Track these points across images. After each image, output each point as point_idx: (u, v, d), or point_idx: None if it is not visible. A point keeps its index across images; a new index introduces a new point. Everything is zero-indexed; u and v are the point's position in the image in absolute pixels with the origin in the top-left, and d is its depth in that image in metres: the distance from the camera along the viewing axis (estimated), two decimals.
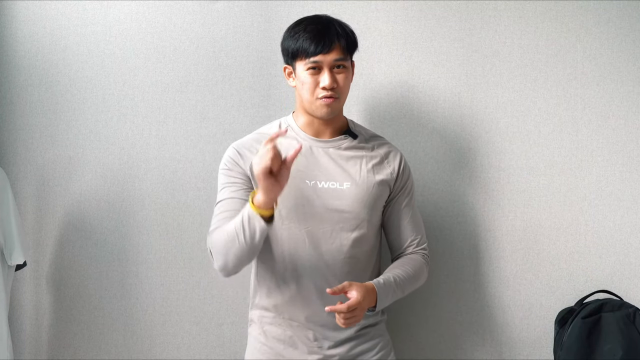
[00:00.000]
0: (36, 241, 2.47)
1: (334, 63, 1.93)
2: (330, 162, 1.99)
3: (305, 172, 1.97)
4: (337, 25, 1.96)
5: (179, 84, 2.41)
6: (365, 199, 1.98)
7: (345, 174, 1.98)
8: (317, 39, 1.91)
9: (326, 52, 1.91)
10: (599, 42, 2.32)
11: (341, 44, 1.94)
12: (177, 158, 2.42)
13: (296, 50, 1.93)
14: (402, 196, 2.07)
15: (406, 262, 2.04)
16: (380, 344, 2.06)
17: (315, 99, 1.94)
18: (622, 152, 2.33)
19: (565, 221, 2.34)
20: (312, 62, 1.91)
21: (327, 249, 1.96)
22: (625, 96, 2.32)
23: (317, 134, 2.01)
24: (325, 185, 1.97)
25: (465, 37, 2.34)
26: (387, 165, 2.04)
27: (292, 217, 1.95)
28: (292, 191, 1.94)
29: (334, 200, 1.96)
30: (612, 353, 2.20)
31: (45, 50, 2.43)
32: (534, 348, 2.36)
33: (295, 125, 2.02)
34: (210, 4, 2.39)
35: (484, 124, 2.35)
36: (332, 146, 2.01)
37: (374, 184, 2.00)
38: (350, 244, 1.97)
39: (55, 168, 2.45)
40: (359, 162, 2.01)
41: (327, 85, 1.91)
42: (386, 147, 2.08)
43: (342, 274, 1.97)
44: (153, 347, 2.45)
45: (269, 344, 2.03)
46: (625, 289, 2.32)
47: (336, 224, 1.96)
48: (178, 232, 2.43)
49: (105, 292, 2.45)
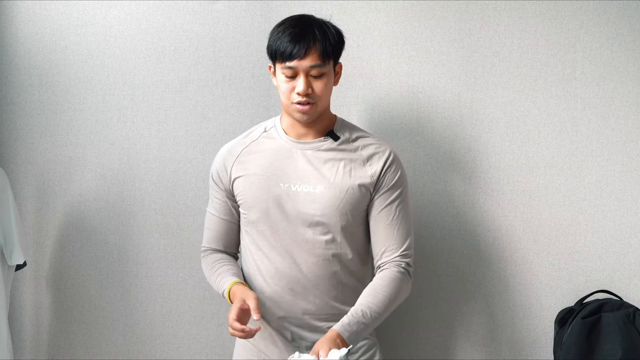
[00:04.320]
0: (36, 241, 2.47)
1: (309, 69, 1.88)
2: (307, 164, 1.96)
3: (280, 175, 1.95)
4: (316, 28, 1.89)
5: (179, 84, 2.41)
6: (337, 203, 1.93)
7: (320, 176, 1.94)
8: (292, 44, 1.86)
9: (301, 58, 1.86)
10: (599, 42, 2.31)
11: (318, 49, 1.87)
12: (177, 158, 2.42)
13: (274, 52, 1.90)
14: (381, 198, 1.96)
15: (378, 285, 1.92)
16: (365, 347, 2.03)
17: (290, 103, 1.91)
18: (622, 152, 2.33)
19: (565, 221, 2.34)
20: (287, 66, 1.87)
21: (299, 253, 1.95)
22: (625, 96, 2.32)
23: (299, 136, 1.98)
24: (298, 189, 1.94)
25: (465, 37, 2.34)
26: (369, 168, 1.96)
27: (264, 221, 1.96)
28: (264, 194, 1.95)
29: (307, 204, 1.94)
30: (612, 353, 2.20)
31: (45, 50, 2.43)
32: (534, 348, 2.36)
33: (280, 127, 2.01)
34: (210, 4, 2.39)
35: (484, 124, 2.35)
36: (311, 148, 1.97)
37: (348, 188, 1.93)
38: (322, 247, 1.95)
39: (55, 168, 2.45)
40: (337, 164, 1.95)
41: (301, 91, 1.87)
42: (372, 148, 1.98)
43: (315, 277, 1.96)
44: (153, 347, 2.45)
45: (252, 341, 2.03)
46: (625, 289, 2.32)
47: (307, 228, 1.94)
48: (178, 232, 2.43)
49: (105, 292, 2.45)
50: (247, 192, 1.98)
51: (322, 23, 1.93)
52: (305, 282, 1.96)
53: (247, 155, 2.00)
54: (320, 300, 1.97)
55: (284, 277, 1.96)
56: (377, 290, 1.91)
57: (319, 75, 1.90)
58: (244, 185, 1.98)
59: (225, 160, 2.03)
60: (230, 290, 1.93)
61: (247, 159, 2.00)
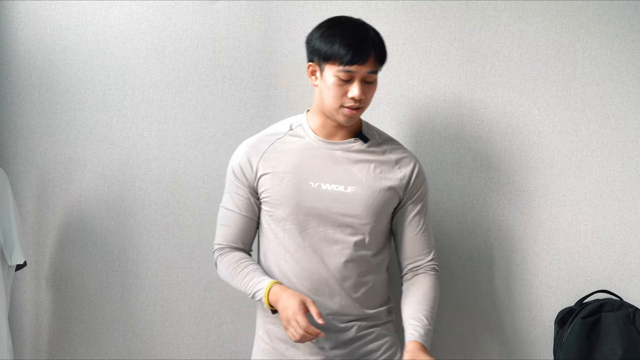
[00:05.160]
0: (36, 241, 2.47)
1: (366, 75, 1.88)
2: (337, 164, 1.96)
3: (310, 174, 1.95)
4: (373, 35, 1.90)
5: (179, 84, 2.41)
6: (369, 204, 1.95)
7: (351, 177, 1.95)
8: (354, 49, 1.84)
9: (362, 63, 1.85)
10: (599, 42, 2.32)
11: (376, 56, 1.88)
12: (177, 158, 2.42)
13: (330, 55, 1.86)
14: (412, 204, 2.01)
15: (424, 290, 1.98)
16: (386, 345, 2.04)
17: (339, 106, 1.89)
18: (622, 152, 2.33)
19: (565, 221, 2.34)
20: (345, 70, 1.85)
21: (328, 252, 1.95)
22: (625, 96, 2.32)
23: (328, 136, 1.98)
24: (329, 188, 1.94)
25: (465, 37, 2.34)
26: (398, 171, 1.98)
27: (294, 219, 1.95)
28: (294, 192, 1.94)
29: (337, 204, 1.94)
30: (612, 353, 2.20)
31: (45, 50, 2.43)
32: (534, 348, 2.36)
33: (307, 126, 1.99)
34: (210, 4, 2.39)
35: (484, 124, 2.35)
36: (341, 149, 1.97)
37: (380, 190, 1.96)
38: (351, 248, 1.95)
39: (55, 168, 2.45)
40: (367, 166, 1.97)
41: (356, 96, 1.86)
42: (399, 153, 2.02)
43: (343, 278, 1.96)
44: (153, 347, 2.45)
45: (272, 344, 2.02)
46: (625, 289, 2.32)
47: (337, 228, 1.94)
48: (178, 232, 2.43)
49: (105, 292, 2.46)
50: (275, 189, 1.95)
51: (373, 29, 1.92)
52: (332, 283, 1.95)
53: (274, 152, 1.98)
54: (345, 301, 1.97)
55: (310, 277, 1.95)
56: (426, 295, 1.96)
57: (372, 81, 1.91)
58: (271, 182, 1.96)
59: (250, 155, 1.99)
60: (269, 290, 1.90)
61: (274, 156, 1.97)
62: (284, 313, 1.85)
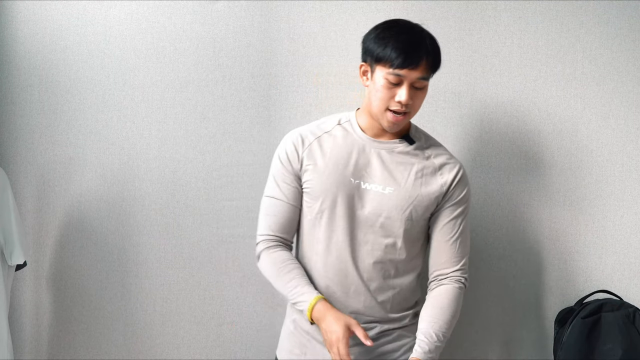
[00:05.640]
0: (36, 241, 2.47)
1: (416, 80, 1.85)
2: (380, 164, 1.94)
3: (352, 170, 1.93)
4: (428, 41, 1.87)
5: (179, 84, 2.41)
6: (404, 208, 1.92)
7: (391, 178, 1.93)
8: (406, 52, 1.82)
9: (412, 68, 1.82)
10: (599, 42, 2.32)
11: (428, 62, 1.85)
12: (177, 158, 2.42)
13: (381, 56, 1.84)
14: (448, 210, 1.97)
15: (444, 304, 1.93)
16: (406, 346, 2.02)
17: (385, 109, 1.87)
18: (622, 152, 2.33)
19: (565, 221, 2.34)
20: (395, 74, 1.83)
21: (358, 251, 1.94)
22: (625, 96, 2.32)
23: (376, 135, 1.96)
24: (368, 187, 1.93)
25: (465, 37, 2.34)
26: (440, 177, 1.95)
27: (329, 214, 1.94)
28: (334, 187, 1.93)
29: (374, 204, 1.92)
30: (612, 353, 2.20)
31: (45, 50, 2.43)
32: (534, 348, 2.37)
33: (356, 123, 1.97)
34: (210, 4, 2.39)
35: (484, 124, 2.35)
36: (386, 148, 1.95)
37: (418, 195, 1.93)
38: (382, 250, 1.94)
39: (55, 168, 2.45)
40: (409, 169, 1.94)
41: (404, 101, 1.84)
42: (444, 158, 1.98)
43: (369, 279, 1.95)
44: (153, 347, 2.45)
45: (297, 332, 2.02)
46: (625, 289, 2.32)
47: (370, 227, 1.93)
48: (178, 232, 2.43)
49: (105, 292, 2.45)
50: (316, 181, 1.94)
51: (430, 35, 1.90)
52: (358, 282, 1.94)
53: (320, 145, 1.96)
54: (369, 302, 1.96)
55: (339, 273, 1.94)
56: (444, 310, 1.92)
57: (421, 88, 1.88)
58: (313, 174, 1.95)
59: (297, 144, 1.97)
60: (314, 306, 1.88)
61: (319, 149, 1.96)
62: (327, 335, 1.85)
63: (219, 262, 2.42)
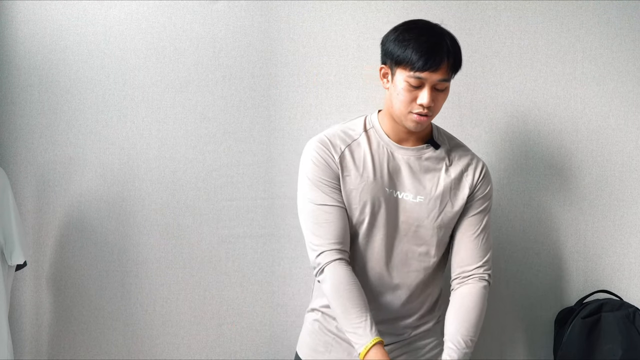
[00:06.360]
0: (36, 241, 2.47)
1: (437, 82, 1.82)
2: (409, 172, 1.92)
3: (385, 180, 1.91)
4: (449, 42, 1.83)
5: (179, 84, 2.41)
6: (434, 216, 1.92)
7: (421, 186, 1.92)
8: (427, 55, 1.78)
9: (433, 71, 1.80)
10: (599, 42, 2.32)
11: (449, 63, 1.82)
12: (177, 158, 2.42)
13: (402, 59, 1.81)
14: (472, 206, 1.96)
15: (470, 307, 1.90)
16: (433, 344, 2.03)
17: (407, 112, 1.85)
18: (622, 152, 2.33)
19: (565, 221, 2.34)
20: (416, 76, 1.80)
21: (392, 260, 1.93)
22: (625, 96, 2.32)
23: (400, 141, 1.94)
24: (399, 196, 1.92)
25: (465, 37, 2.34)
26: (465, 179, 1.95)
27: (362, 223, 1.91)
28: (369, 196, 1.90)
29: (406, 213, 1.91)
30: (612, 353, 2.20)
31: (45, 50, 2.43)
32: (534, 348, 2.37)
33: (379, 127, 1.95)
34: (210, 4, 2.39)
35: (484, 124, 2.35)
36: (413, 155, 1.93)
37: (447, 202, 1.93)
38: (416, 258, 1.94)
39: (55, 168, 2.45)
40: (437, 175, 1.93)
41: (425, 103, 1.81)
42: (467, 159, 1.97)
43: (403, 286, 1.95)
44: (153, 347, 2.45)
45: (321, 332, 2.02)
46: (625, 289, 2.32)
47: (405, 236, 1.93)
48: (178, 232, 2.43)
49: (105, 292, 2.45)
50: (354, 192, 1.91)
51: (450, 35, 1.87)
52: (393, 290, 1.95)
53: (351, 154, 1.92)
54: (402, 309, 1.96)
55: (373, 280, 1.94)
56: (470, 314, 1.89)
57: (443, 89, 1.86)
58: (349, 183, 1.91)
59: (329, 148, 1.91)
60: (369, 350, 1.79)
61: (351, 158, 1.92)
62: None
63: (219, 262, 2.42)
